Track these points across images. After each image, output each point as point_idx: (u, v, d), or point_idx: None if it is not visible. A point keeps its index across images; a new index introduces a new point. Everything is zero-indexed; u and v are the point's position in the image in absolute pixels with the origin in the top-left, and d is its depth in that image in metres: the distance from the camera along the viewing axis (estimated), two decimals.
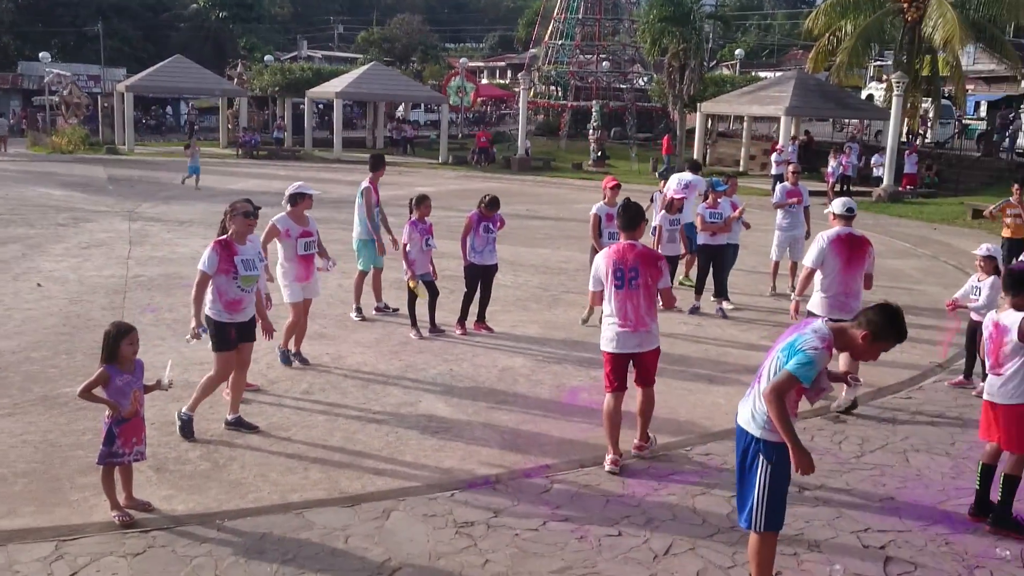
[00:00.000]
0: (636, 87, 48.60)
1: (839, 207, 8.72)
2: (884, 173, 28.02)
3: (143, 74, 39.83)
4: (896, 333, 4.64)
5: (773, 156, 28.25)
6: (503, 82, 72.13)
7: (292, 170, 29.73)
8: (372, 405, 8.12)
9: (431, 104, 47.15)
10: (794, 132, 32.25)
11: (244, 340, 7.32)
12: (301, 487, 6.38)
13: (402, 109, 47.40)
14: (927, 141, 36.50)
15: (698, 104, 34.04)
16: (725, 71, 52.94)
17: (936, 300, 12.85)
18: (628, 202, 7.22)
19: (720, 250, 11.93)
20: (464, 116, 50.82)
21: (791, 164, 15.39)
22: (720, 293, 12.10)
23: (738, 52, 52.58)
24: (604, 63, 49.01)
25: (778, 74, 42.66)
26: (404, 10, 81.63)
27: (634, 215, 7.02)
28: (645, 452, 7.19)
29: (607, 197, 10.85)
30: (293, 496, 6.23)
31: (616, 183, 11.03)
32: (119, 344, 5.74)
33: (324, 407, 8.01)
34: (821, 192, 24.85)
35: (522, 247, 16.33)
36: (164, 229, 17.43)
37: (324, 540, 5.64)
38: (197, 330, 7.04)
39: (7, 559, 5.27)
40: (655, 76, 45.15)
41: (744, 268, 14.00)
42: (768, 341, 8.96)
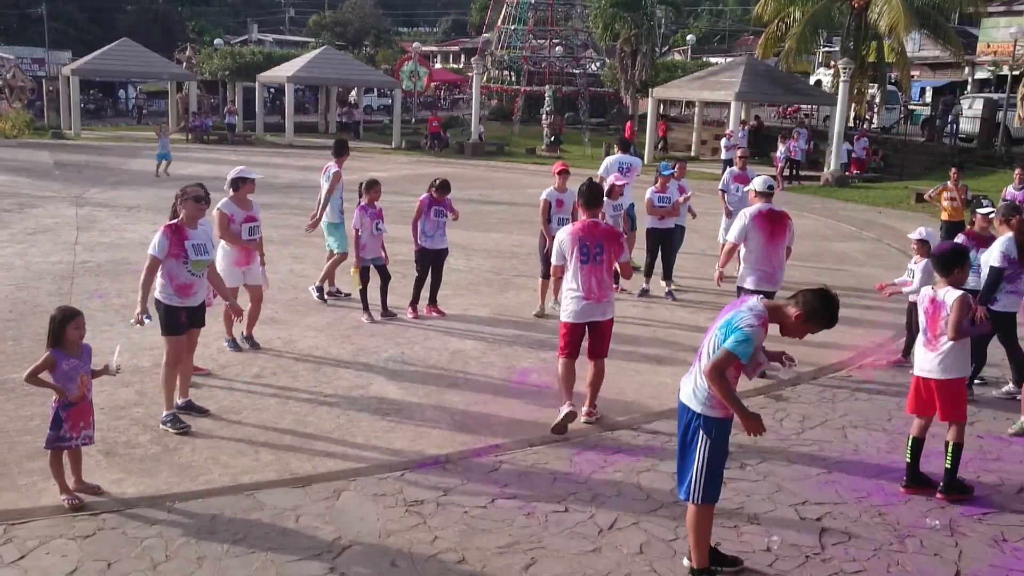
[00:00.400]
0: (589, 72, 48.76)
1: (760, 184, 9.15)
2: (831, 157, 28.51)
3: (89, 57, 39.08)
4: (828, 319, 4.84)
5: (723, 141, 28.58)
6: (456, 67, 72.06)
7: (243, 155, 29.44)
8: (323, 388, 8.17)
9: (384, 89, 46.89)
10: (744, 117, 32.64)
11: (194, 325, 7.32)
12: (252, 469, 6.43)
13: (355, 94, 47.04)
14: (873, 126, 37.16)
15: (650, 89, 34.27)
16: (677, 57, 53.34)
17: (879, 282, 13.15)
18: (590, 181, 7.72)
19: (668, 233, 12.12)
20: (417, 101, 50.60)
21: (740, 149, 15.62)
22: (668, 276, 12.29)
23: (689, 38, 53.00)
24: (557, 48, 49.07)
25: (729, 60, 43.08)
26: None
27: (595, 194, 7.57)
28: (594, 419, 7.51)
29: (557, 183, 10.94)
30: (244, 478, 6.28)
31: (565, 168, 11.11)
32: (65, 328, 5.74)
33: (275, 390, 8.05)
34: (770, 176, 25.20)
35: (475, 231, 16.40)
36: (112, 215, 17.21)
37: (275, 520, 5.71)
38: (142, 316, 6.99)
39: None
40: (607, 61, 45.38)
41: (693, 251, 14.23)
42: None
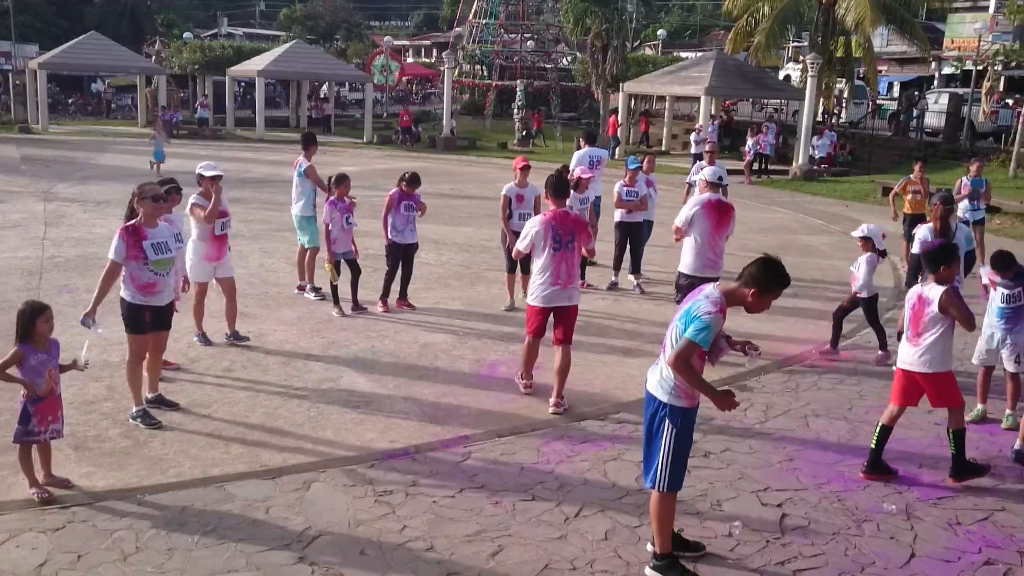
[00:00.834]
0: (560, 67, 48.90)
1: (710, 175, 9.48)
2: (800, 151, 28.81)
3: (56, 51, 38.60)
4: (778, 282, 4.92)
5: (693, 136, 28.80)
6: (428, 61, 71.86)
7: (214, 149, 29.31)
8: (294, 381, 8.22)
9: (355, 83, 46.72)
10: (714, 111, 32.88)
11: (161, 327, 7.23)
12: (222, 462, 6.48)
13: (326, 88, 46.85)
14: (841, 121, 37.55)
15: (621, 84, 34.43)
16: (648, 51, 53.50)
17: (845, 275, 13.35)
18: (558, 173, 8.06)
19: (636, 227, 12.25)
20: (389, 95, 50.47)
21: (709, 144, 15.77)
22: (636, 269, 12.43)
23: (660, 32, 53.33)
24: (528, 43, 49.16)
25: (699, 55, 43.32)
26: None
27: (563, 184, 7.96)
28: (561, 409, 7.66)
29: (518, 178, 10.87)
30: (214, 470, 6.33)
31: (526, 164, 11.00)
32: (35, 322, 5.75)
33: (245, 384, 8.09)
34: (739, 171, 25.48)
35: (445, 226, 16.47)
36: (81, 209, 17.11)
37: (245, 511, 5.77)
38: (86, 318, 6.84)
39: None
40: (579, 56, 45.50)
41: (661, 244, 14.35)
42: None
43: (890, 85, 48.10)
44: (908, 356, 6.61)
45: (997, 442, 7.41)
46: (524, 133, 36.53)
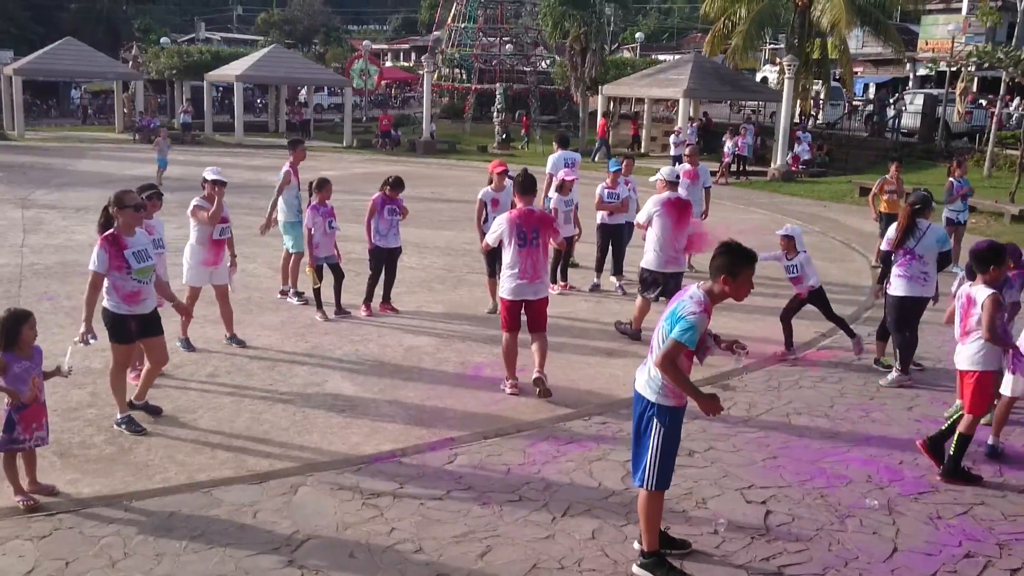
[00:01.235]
0: (539, 70, 49.00)
1: (668, 174, 9.93)
2: (777, 152, 29.02)
3: (32, 57, 38.37)
4: (743, 259, 4.95)
5: (672, 138, 28.98)
6: (407, 65, 71.89)
7: (192, 155, 29.16)
8: (278, 386, 8.22)
9: (335, 87, 46.65)
10: (693, 114, 33.06)
11: (149, 334, 7.16)
12: (208, 467, 6.48)
13: (304, 92, 46.75)
14: (818, 122, 37.85)
15: (600, 87, 34.57)
16: (626, 54, 53.81)
17: (823, 274, 13.42)
18: (525, 171, 8.26)
19: (618, 229, 12.31)
20: (368, 99, 50.43)
21: (690, 146, 15.84)
22: (618, 271, 12.50)
23: (638, 35, 53.53)
24: (507, 46, 49.27)
25: (677, 57, 43.57)
26: None
27: (531, 182, 8.22)
28: (546, 378, 8.09)
29: (494, 182, 10.86)
30: (200, 476, 6.32)
31: (504, 168, 10.98)
32: (20, 329, 5.74)
33: (230, 389, 8.08)
34: (715, 172, 25.61)
35: (427, 229, 16.49)
36: (59, 216, 17.02)
37: (232, 516, 5.77)
38: (86, 336, 6.81)
39: None
40: (558, 59, 45.62)
41: (642, 246, 14.40)
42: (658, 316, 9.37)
43: (865, 86, 48.58)
44: (958, 355, 6.79)
45: (975, 438, 7.49)
46: (504, 136, 36.58)
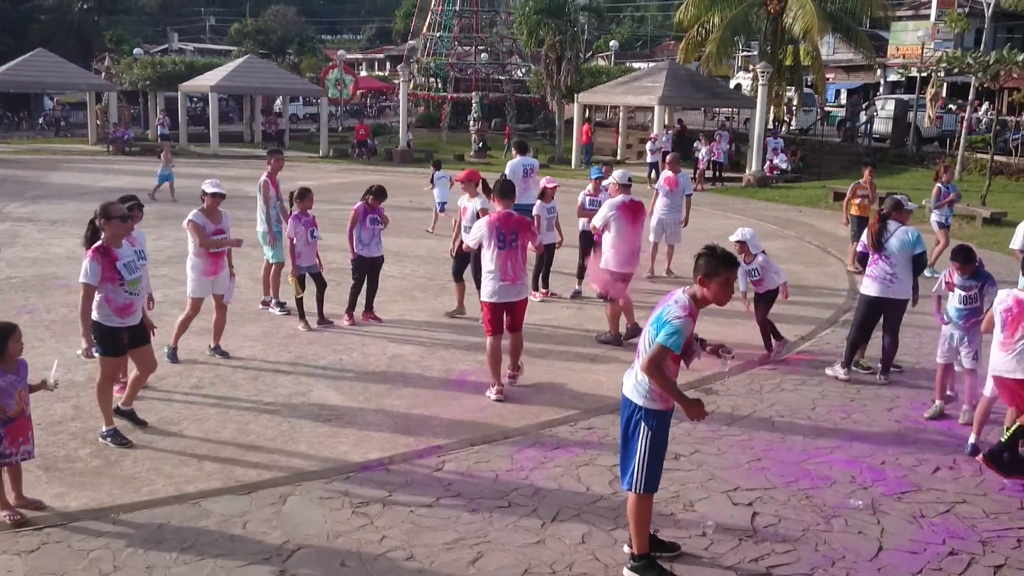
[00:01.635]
0: (515, 78, 49.09)
1: (620, 177, 10.27)
2: (752, 158, 29.25)
3: (3, 68, 38.02)
4: (722, 262, 5.02)
5: (648, 145, 29.15)
6: (382, 74, 71.78)
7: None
8: (263, 396, 8.21)
9: (310, 97, 46.53)
10: (668, 121, 33.26)
11: (138, 344, 7.17)
12: (196, 478, 6.46)
13: (280, 102, 46.58)
14: (792, 128, 38.19)
15: (575, 95, 34.71)
16: (601, 62, 53.98)
17: (800, 278, 13.67)
18: (504, 177, 8.52)
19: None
20: (344, 109, 50.33)
21: (669, 154, 15.92)
22: None
23: (612, 43, 53.86)
24: (483, 55, 49.33)
25: (651, 65, 43.81)
26: (279, 1, 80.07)
27: (510, 187, 8.51)
28: (517, 377, 8.62)
29: (468, 191, 10.84)
30: (188, 487, 6.31)
31: (479, 179, 11.09)
32: (7, 342, 5.70)
33: (215, 400, 8.06)
34: (692, 178, 25.82)
35: (407, 238, 16.50)
36: (35, 229, 16.88)
37: (222, 527, 5.76)
38: (90, 350, 6.81)
39: None
40: (533, 67, 45.72)
41: None
42: (644, 322, 9.44)
43: (837, 92, 49.04)
44: (1001, 363, 6.64)
45: (956, 437, 7.62)
46: (480, 145, 36.61)
